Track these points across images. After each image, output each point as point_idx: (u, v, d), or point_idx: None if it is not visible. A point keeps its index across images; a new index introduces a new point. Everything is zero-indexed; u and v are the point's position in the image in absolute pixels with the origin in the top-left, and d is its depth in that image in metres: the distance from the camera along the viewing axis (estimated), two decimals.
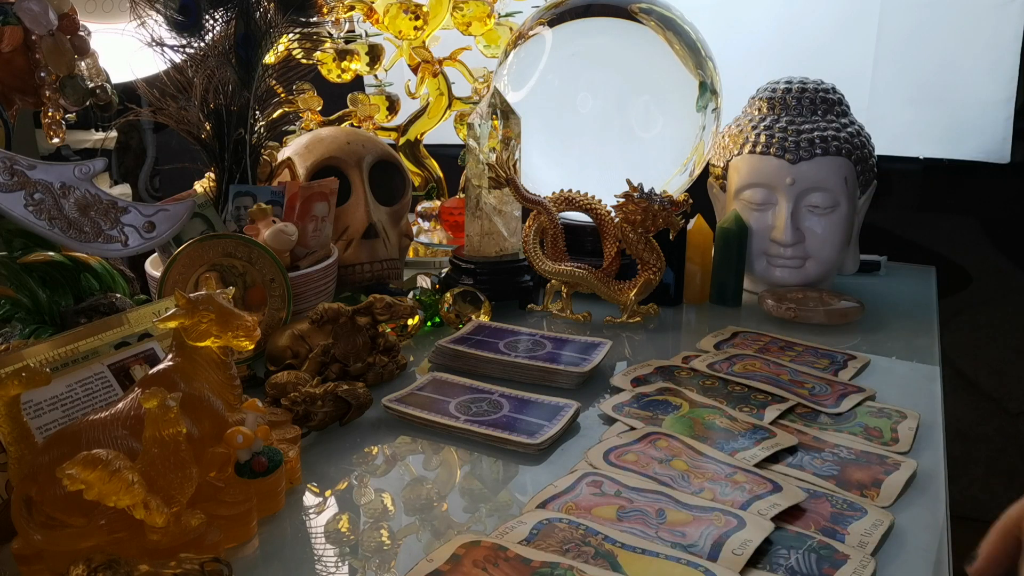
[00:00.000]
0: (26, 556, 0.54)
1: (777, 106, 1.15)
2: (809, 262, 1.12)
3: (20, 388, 0.55)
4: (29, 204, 0.75)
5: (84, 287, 0.80)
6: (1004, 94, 1.41)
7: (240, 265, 0.87)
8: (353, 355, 0.85)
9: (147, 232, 0.82)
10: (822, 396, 0.82)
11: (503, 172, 1.06)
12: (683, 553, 0.56)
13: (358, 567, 0.58)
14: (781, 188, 1.10)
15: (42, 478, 0.54)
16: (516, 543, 0.57)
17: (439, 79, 1.40)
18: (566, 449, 0.74)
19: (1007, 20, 1.38)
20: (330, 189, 1.01)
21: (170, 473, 0.55)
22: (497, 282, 1.09)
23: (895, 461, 0.70)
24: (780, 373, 0.88)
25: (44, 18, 0.87)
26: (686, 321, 1.10)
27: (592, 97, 1.15)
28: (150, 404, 0.54)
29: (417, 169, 1.45)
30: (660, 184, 1.09)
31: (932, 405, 0.82)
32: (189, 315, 0.60)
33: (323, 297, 0.98)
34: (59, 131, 0.93)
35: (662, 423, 0.76)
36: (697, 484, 0.65)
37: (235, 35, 1.00)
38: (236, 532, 0.60)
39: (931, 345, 1.00)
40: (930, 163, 1.51)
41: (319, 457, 0.73)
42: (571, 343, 0.94)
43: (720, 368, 0.88)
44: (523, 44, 1.19)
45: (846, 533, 0.60)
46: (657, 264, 1.03)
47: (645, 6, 1.14)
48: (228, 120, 1.02)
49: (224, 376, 0.63)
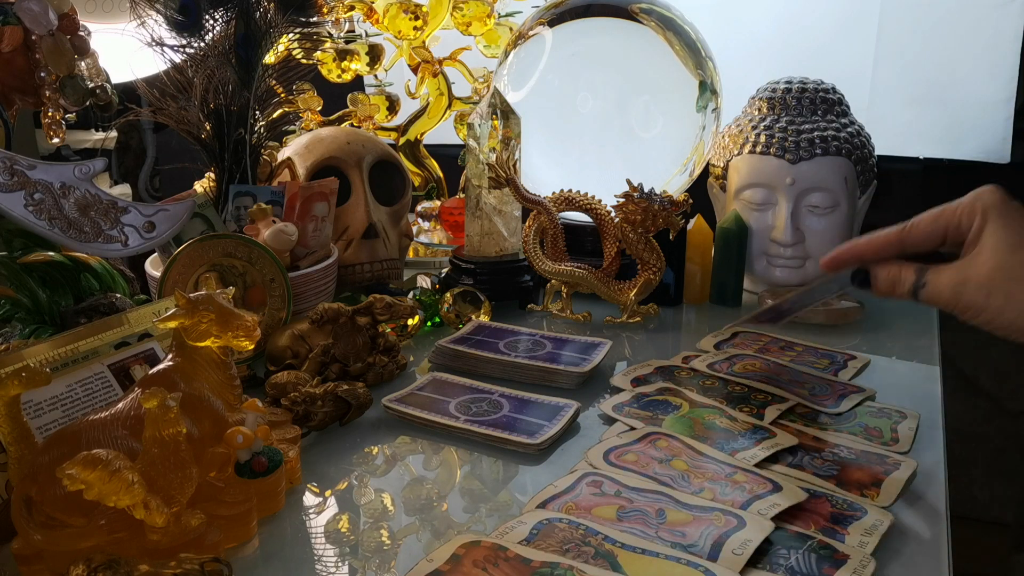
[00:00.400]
0: (26, 556, 0.54)
1: (777, 106, 1.15)
2: (809, 262, 1.12)
3: (20, 388, 0.55)
4: (29, 204, 0.75)
5: (84, 287, 0.80)
6: (1004, 94, 1.41)
7: (240, 265, 0.87)
8: (353, 355, 0.85)
9: (147, 232, 0.82)
10: (822, 396, 0.82)
11: (503, 172, 1.06)
12: (683, 553, 0.56)
13: (358, 567, 0.58)
14: (781, 188, 1.10)
15: (42, 478, 0.54)
16: (516, 543, 0.57)
17: (439, 79, 1.40)
18: (566, 449, 0.74)
19: (1007, 20, 1.37)
20: (330, 189, 1.01)
21: (170, 473, 0.55)
22: (497, 282, 1.09)
23: (895, 461, 0.70)
24: (780, 373, 0.88)
25: (44, 18, 0.87)
26: (686, 321, 1.10)
27: (592, 97, 1.15)
28: (150, 404, 0.54)
29: (417, 169, 1.45)
30: (660, 184, 1.09)
31: (932, 405, 0.82)
32: (189, 315, 0.60)
33: (323, 297, 0.98)
34: (59, 131, 0.93)
35: (662, 423, 0.76)
36: (697, 484, 0.65)
37: (235, 35, 1.00)
38: (236, 532, 0.60)
39: (931, 345, 1.00)
40: (930, 163, 1.51)
41: (319, 457, 0.73)
42: (571, 343, 0.94)
43: (720, 368, 0.88)
44: (523, 44, 1.20)
45: (846, 533, 0.60)
46: (657, 264, 1.03)
47: (645, 6, 1.14)
48: (228, 120, 1.02)
49: (224, 376, 0.63)
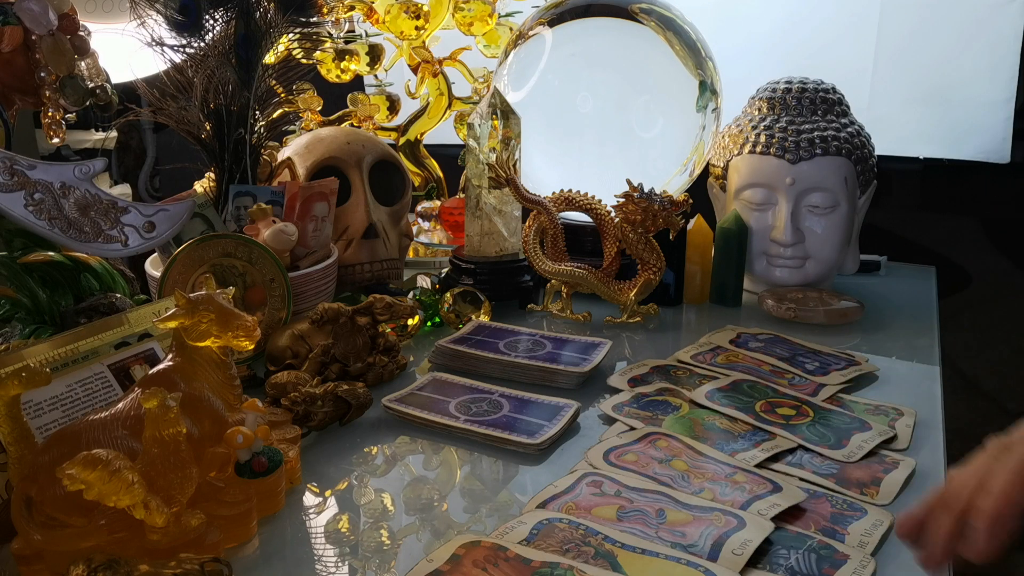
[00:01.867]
0: (26, 556, 0.54)
1: (777, 106, 1.15)
2: (809, 262, 1.12)
3: (20, 388, 0.55)
4: (29, 204, 0.75)
5: (84, 287, 0.80)
6: (1004, 94, 1.41)
7: (240, 265, 0.87)
8: (353, 355, 0.85)
9: (147, 232, 0.82)
10: (801, 386, 0.85)
11: (503, 172, 1.06)
12: (683, 553, 0.56)
13: (358, 567, 0.58)
14: (781, 188, 1.10)
15: (42, 478, 0.54)
16: (516, 543, 0.57)
17: (439, 79, 1.40)
18: (566, 449, 0.74)
19: (1007, 20, 1.37)
20: (330, 189, 1.01)
21: (170, 473, 0.55)
22: (497, 282, 1.09)
23: (893, 460, 0.70)
24: (762, 364, 0.89)
25: (44, 18, 0.87)
26: (686, 321, 1.10)
27: (592, 97, 1.15)
28: (150, 404, 0.54)
29: (417, 169, 1.45)
30: (660, 184, 1.09)
31: (932, 405, 0.82)
32: (189, 315, 0.60)
33: (323, 297, 0.98)
34: (59, 131, 0.93)
35: (662, 423, 0.76)
36: (697, 484, 0.65)
37: (235, 35, 1.00)
38: (236, 532, 0.60)
39: (931, 345, 1.00)
40: (930, 163, 1.51)
41: (319, 457, 0.73)
42: (571, 343, 0.94)
43: (704, 359, 0.89)
44: (523, 44, 1.19)
45: (846, 533, 0.60)
46: (657, 264, 1.03)
47: (645, 6, 1.14)
48: (228, 120, 1.02)
49: (224, 376, 0.63)
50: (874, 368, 0.90)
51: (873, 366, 0.90)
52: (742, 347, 0.95)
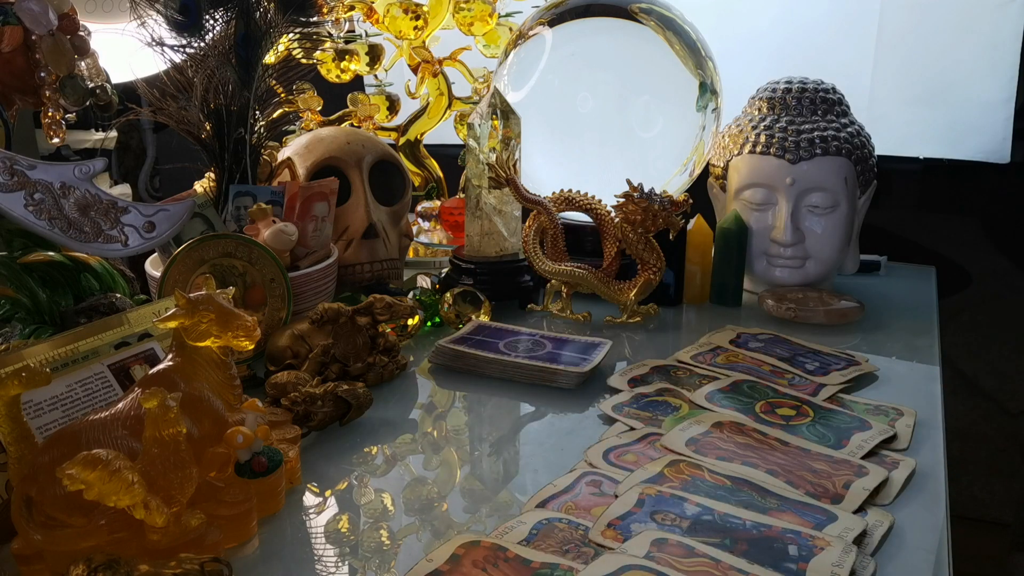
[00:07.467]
0: (26, 556, 0.54)
1: (777, 106, 1.15)
2: (809, 262, 1.12)
3: (20, 388, 0.55)
4: (29, 204, 0.75)
5: (84, 287, 0.80)
6: (1004, 94, 1.41)
7: (240, 265, 0.87)
8: (353, 355, 0.85)
9: (147, 232, 0.82)
10: (801, 386, 0.84)
11: (503, 172, 1.06)
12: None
13: (358, 567, 0.58)
14: (781, 188, 1.10)
15: (42, 478, 0.54)
16: (516, 543, 0.57)
17: (439, 79, 1.40)
18: (566, 449, 0.74)
19: (1007, 20, 1.37)
20: (330, 189, 1.01)
21: (170, 473, 0.55)
22: (497, 282, 1.09)
23: (893, 460, 0.70)
24: (762, 364, 0.89)
25: (44, 18, 0.87)
26: (686, 321, 1.10)
27: (592, 97, 1.15)
28: (150, 404, 0.54)
29: (417, 169, 1.45)
30: (660, 184, 1.09)
31: (932, 405, 0.82)
32: (189, 315, 0.60)
33: (323, 297, 0.98)
34: (59, 131, 0.93)
35: (662, 424, 0.76)
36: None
37: (235, 35, 1.00)
38: (236, 532, 0.60)
39: (931, 345, 1.00)
40: (930, 163, 1.51)
41: (319, 457, 0.73)
42: (571, 343, 0.94)
43: (704, 359, 0.89)
44: (523, 44, 1.19)
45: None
46: (657, 264, 1.03)
47: (645, 6, 1.14)
48: (228, 120, 1.02)
49: (224, 376, 0.63)
50: (874, 368, 0.90)
51: (873, 366, 0.90)
52: (742, 347, 0.95)
